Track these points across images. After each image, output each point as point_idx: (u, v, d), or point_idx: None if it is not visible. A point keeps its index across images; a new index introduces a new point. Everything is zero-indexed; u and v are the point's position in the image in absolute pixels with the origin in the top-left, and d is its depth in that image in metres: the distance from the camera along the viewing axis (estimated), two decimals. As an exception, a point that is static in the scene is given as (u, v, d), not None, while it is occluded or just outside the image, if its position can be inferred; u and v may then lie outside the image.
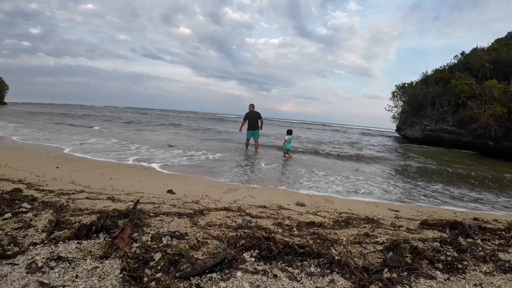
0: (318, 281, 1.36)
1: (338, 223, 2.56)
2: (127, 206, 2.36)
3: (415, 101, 25.02)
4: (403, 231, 2.41)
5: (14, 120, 15.76)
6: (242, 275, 1.34)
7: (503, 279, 1.57)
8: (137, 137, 11.43)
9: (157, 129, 16.92)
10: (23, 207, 2.07)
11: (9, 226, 1.70)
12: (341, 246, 1.85)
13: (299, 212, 3.04)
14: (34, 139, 8.62)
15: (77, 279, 1.20)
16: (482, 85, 19.60)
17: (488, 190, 6.41)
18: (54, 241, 1.53)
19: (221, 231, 1.94)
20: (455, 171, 9.22)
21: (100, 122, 19.16)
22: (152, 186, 3.90)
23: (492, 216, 3.85)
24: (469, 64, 23.15)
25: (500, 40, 25.23)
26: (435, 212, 3.93)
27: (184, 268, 1.32)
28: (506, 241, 2.28)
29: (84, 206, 2.31)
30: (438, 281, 1.48)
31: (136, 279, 1.22)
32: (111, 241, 1.53)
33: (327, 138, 20.75)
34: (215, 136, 14.70)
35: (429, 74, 26.74)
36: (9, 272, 1.21)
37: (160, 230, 1.83)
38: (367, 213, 3.26)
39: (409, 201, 4.76)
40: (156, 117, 32.95)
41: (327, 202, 3.97)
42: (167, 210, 2.37)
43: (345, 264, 1.51)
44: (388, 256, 1.70)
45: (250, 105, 9.28)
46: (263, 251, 1.58)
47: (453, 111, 20.93)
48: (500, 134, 17.29)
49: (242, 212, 2.65)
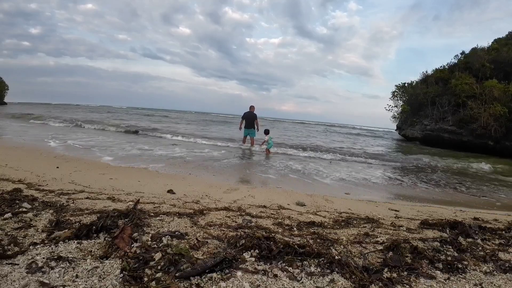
0: (318, 281, 1.36)
1: (338, 222, 2.56)
2: (127, 206, 2.36)
3: (415, 101, 25.01)
4: (403, 231, 2.41)
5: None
6: (242, 275, 1.34)
7: (503, 279, 1.57)
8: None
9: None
10: (23, 207, 2.07)
11: (9, 226, 1.70)
12: (341, 246, 1.85)
13: (299, 211, 3.04)
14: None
15: (77, 279, 1.20)
16: (482, 84, 19.59)
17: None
18: (54, 241, 1.53)
19: (221, 231, 1.94)
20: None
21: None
22: (152, 186, 3.90)
23: (492, 216, 3.84)
24: (469, 63, 23.13)
25: (500, 39, 25.21)
26: (435, 212, 3.93)
27: (184, 268, 1.32)
28: (506, 240, 2.28)
29: (84, 206, 2.31)
30: (438, 280, 1.48)
31: (136, 279, 1.22)
32: (111, 241, 1.53)
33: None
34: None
35: (429, 73, 26.72)
36: (10, 272, 1.21)
37: (160, 230, 1.83)
38: (367, 213, 3.26)
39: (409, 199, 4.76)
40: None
41: (327, 201, 3.97)
42: (167, 210, 2.37)
43: (345, 264, 1.51)
44: (388, 256, 1.70)
45: (251, 106, 10.27)
46: (263, 251, 1.58)
47: (453, 110, 20.92)
48: (500, 134, 17.29)
49: (242, 212, 2.65)
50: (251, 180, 5.35)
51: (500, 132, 17.28)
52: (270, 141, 9.56)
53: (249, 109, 10.19)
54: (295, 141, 14.66)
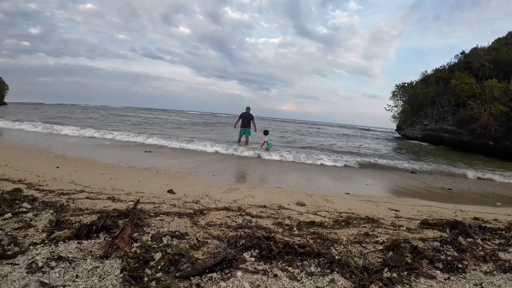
0: (318, 280, 1.36)
1: (338, 222, 2.56)
2: (127, 206, 2.36)
3: (415, 101, 25.02)
4: (403, 231, 2.41)
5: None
6: (242, 274, 1.34)
7: (503, 279, 1.57)
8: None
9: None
10: (24, 207, 2.07)
11: (10, 226, 1.70)
12: (342, 246, 1.85)
13: (299, 211, 3.04)
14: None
15: (78, 279, 1.20)
16: (482, 84, 19.58)
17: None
18: (55, 241, 1.53)
19: (221, 231, 1.94)
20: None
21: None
22: (152, 186, 3.90)
23: (492, 216, 3.84)
24: (469, 63, 23.13)
25: (500, 39, 25.21)
26: (435, 212, 3.93)
27: (184, 268, 1.32)
28: (506, 240, 2.28)
29: (84, 206, 2.31)
30: (438, 280, 1.48)
31: (136, 279, 1.22)
32: (112, 241, 1.53)
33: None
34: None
35: (429, 73, 26.73)
36: (10, 272, 1.21)
37: (160, 230, 1.83)
38: (367, 213, 3.26)
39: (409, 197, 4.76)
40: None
41: (327, 201, 3.97)
42: (167, 210, 2.37)
43: (345, 263, 1.51)
44: (388, 255, 1.70)
45: (247, 107, 10.90)
46: (263, 250, 1.58)
47: (453, 110, 20.91)
48: (501, 134, 17.28)
49: (242, 212, 2.65)
50: (251, 180, 5.35)
51: (500, 132, 17.27)
52: (270, 142, 9.74)
53: (246, 110, 10.83)
54: (299, 143, 14.64)
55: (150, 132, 13.15)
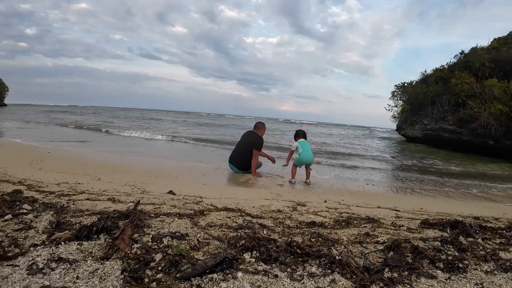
0: (319, 281, 1.36)
1: (339, 223, 2.56)
2: (127, 207, 2.36)
3: (415, 101, 25.02)
4: (404, 231, 2.41)
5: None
6: (243, 275, 1.34)
7: (504, 278, 1.56)
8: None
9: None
10: (24, 209, 2.07)
11: (10, 228, 1.70)
12: (342, 246, 1.85)
13: (300, 212, 3.03)
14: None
15: (78, 280, 1.20)
16: (482, 84, 19.59)
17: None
18: (55, 242, 1.53)
19: (222, 232, 1.94)
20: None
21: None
22: (152, 187, 3.90)
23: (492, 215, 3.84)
24: (469, 63, 23.13)
25: (500, 39, 25.23)
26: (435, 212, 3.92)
27: (185, 269, 1.32)
28: (507, 240, 2.28)
29: (84, 207, 2.31)
30: (439, 280, 1.48)
31: (137, 280, 1.22)
32: (112, 242, 1.53)
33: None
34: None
35: (429, 73, 26.74)
36: (10, 273, 1.21)
37: (161, 230, 1.83)
38: (368, 213, 3.25)
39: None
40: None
41: (327, 201, 3.97)
42: (168, 211, 2.37)
43: (346, 264, 1.51)
44: (389, 255, 1.70)
45: (257, 123, 6.12)
46: (263, 251, 1.58)
47: (453, 110, 20.91)
48: (501, 133, 17.28)
49: (243, 212, 2.65)
50: (251, 180, 5.35)
51: (500, 131, 17.26)
52: (305, 154, 5.46)
53: (254, 129, 5.99)
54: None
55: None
